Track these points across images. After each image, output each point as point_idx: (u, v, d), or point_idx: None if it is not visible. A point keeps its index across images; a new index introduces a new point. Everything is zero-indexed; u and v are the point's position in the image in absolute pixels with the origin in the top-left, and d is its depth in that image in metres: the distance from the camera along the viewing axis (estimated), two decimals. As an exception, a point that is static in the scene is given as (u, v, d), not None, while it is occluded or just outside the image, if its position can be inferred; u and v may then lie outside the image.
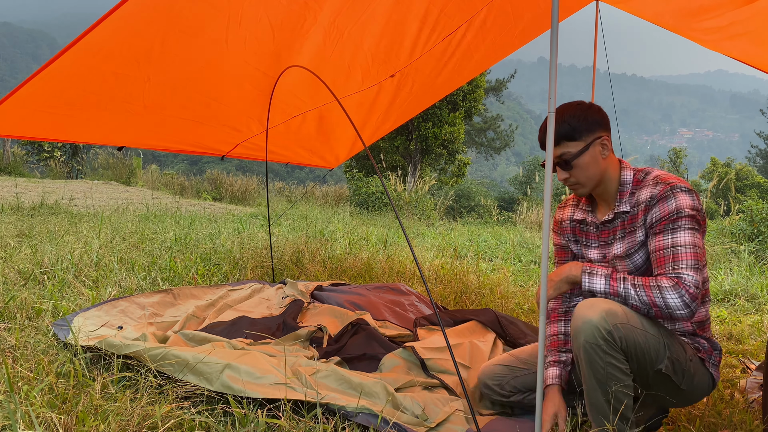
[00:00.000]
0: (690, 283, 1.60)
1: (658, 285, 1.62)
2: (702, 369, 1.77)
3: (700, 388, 1.77)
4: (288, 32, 2.88)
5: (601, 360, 1.62)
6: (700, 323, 1.81)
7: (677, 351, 1.70)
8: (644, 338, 1.64)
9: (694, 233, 1.66)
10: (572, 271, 1.76)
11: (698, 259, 1.64)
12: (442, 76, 3.92)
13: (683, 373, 1.70)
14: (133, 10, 2.22)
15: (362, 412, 1.82)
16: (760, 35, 3.07)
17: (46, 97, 2.65)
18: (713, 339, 1.85)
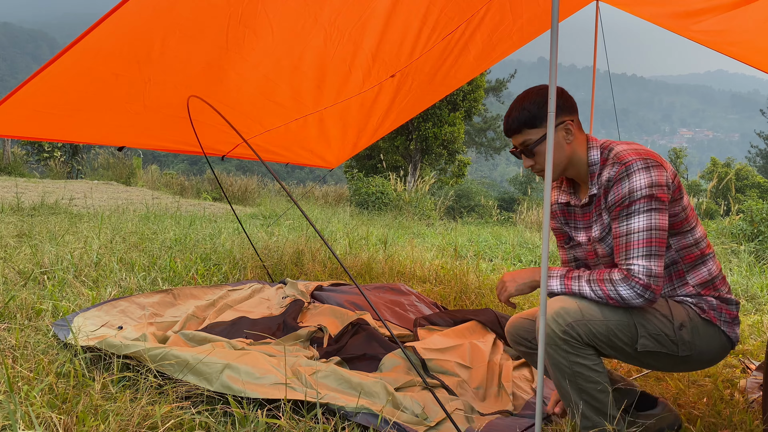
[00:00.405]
0: (639, 273, 1.58)
1: (610, 278, 1.62)
2: (710, 329, 1.69)
3: (711, 349, 1.70)
4: (288, 32, 2.88)
5: (564, 359, 1.64)
6: (704, 284, 1.73)
7: (656, 324, 1.65)
8: (606, 327, 1.62)
9: (651, 215, 1.60)
10: (534, 276, 1.77)
11: (651, 245, 1.59)
12: (440, 74, 3.92)
13: (675, 342, 1.65)
14: (134, 10, 2.22)
15: (362, 411, 1.82)
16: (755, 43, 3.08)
17: (47, 97, 2.65)
18: (726, 294, 1.74)
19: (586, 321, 1.62)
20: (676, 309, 1.69)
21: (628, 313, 1.65)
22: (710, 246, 1.78)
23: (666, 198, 1.62)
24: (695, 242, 1.71)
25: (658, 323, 1.65)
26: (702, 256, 1.74)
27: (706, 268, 1.74)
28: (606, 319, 1.63)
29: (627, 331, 1.64)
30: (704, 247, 1.75)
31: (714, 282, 1.74)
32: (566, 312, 1.63)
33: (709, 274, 1.74)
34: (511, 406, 2.14)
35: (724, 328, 1.71)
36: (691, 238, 1.72)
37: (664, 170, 1.63)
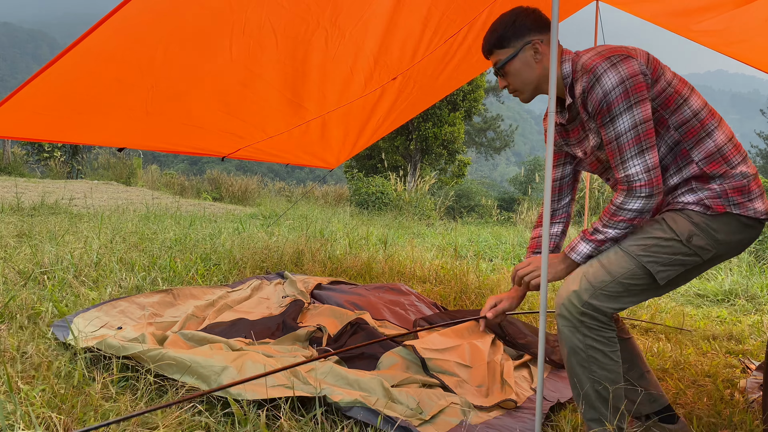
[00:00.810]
0: (639, 173, 1.57)
1: (619, 206, 1.61)
2: (722, 220, 1.62)
3: (734, 237, 1.63)
4: (291, 39, 2.87)
5: (581, 343, 1.63)
6: (711, 157, 1.64)
7: (665, 252, 1.61)
8: (620, 284, 1.61)
9: (632, 111, 1.56)
10: (564, 261, 1.76)
11: (641, 141, 1.57)
12: (443, 78, 3.93)
13: (691, 253, 1.61)
14: (135, 13, 2.20)
15: (356, 405, 1.82)
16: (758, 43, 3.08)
17: (47, 99, 2.64)
18: (732, 172, 1.63)
19: (599, 290, 1.61)
20: (677, 224, 1.63)
21: (633, 258, 1.62)
22: (714, 114, 1.67)
23: (642, 86, 1.57)
24: (694, 114, 1.64)
25: (666, 250, 1.61)
26: (704, 128, 1.65)
27: (711, 139, 1.64)
28: (615, 276, 1.61)
29: (641, 275, 1.61)
30: (705, 117, 1.65)
31: (723, 153, 1.64)
32: (578, 293, 1.62)
33: (716, 145, 1.64)
34: (516, 396, 2.15)
35: (737, 211, 1.61)
36: (688, 110, 1.65)
37: (633, 59, 1.58)
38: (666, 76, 1.64)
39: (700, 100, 1.66)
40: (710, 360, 2.90)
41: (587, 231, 1.70)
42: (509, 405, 2.08)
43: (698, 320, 3.82)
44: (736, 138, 1.68)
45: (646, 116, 1.57)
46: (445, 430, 1.83)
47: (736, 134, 1.70)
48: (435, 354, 2.37)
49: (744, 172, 1.63)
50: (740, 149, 1.67)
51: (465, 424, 1.88)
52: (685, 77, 1.70)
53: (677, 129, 1.65)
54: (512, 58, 1.75)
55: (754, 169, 1.67)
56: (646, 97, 1.57)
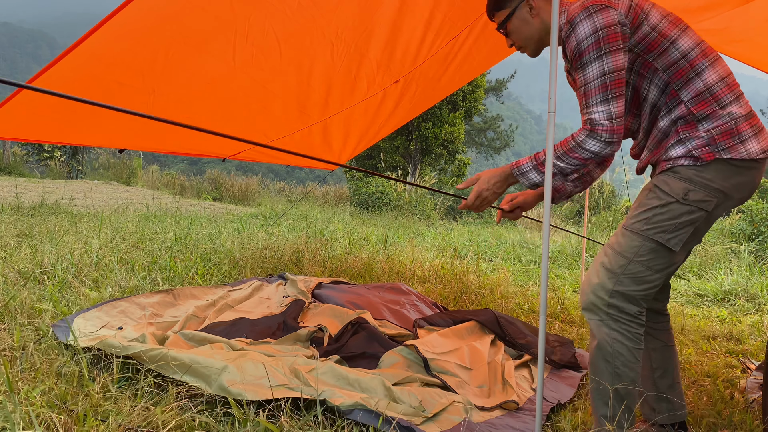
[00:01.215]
0: (601, 120, 1.59)
1: (576, 142, 1.64)
2: (715, 167, 1.60)
3: (732, 180, 1.61)
4: (295, 50, 2.86)
5: (608, 336, 1.63)
6: (700, 96, 1.62)
7: (667, 218, 1.62)
8: (638, 264, 1.62)
9: (602, 60, 1.59)
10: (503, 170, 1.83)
11: (607, 89, 1.59)
12: (444, 79, 3.93)
13: (693, 209, 1.61)
14: (136, 16, 2.19)
15: (357, 408, 1.82)
16: (758, 42, 3.08)
17: (48, 100, 2.63)
18: (720, 112, 1.60)
19: (621, 275, 1.62)
20: (670, 185, 1.63)
21: (639, 235, 1.63)
22: (707, 53, 1.65)
23: (616, 37, 1.59)
24: (682, 56, 1.64)
25: (668, 215, 1.61)
26: (693, 68, 1.64)
27: (701, 79, 1.63)
28: (631, 257, 1.63)
29: (654, 248, 1.62)
30: (695, 57, 1.64)
31: (713, 91, 1.62)
32: (602, 284, 1.64)
33: (705, 84, 1.62)
34: (517, 397, 2.15)
35: (727, 155, 1.59)
36: (676, 52, 1.64)
37: (611, 9, 1.61)
38: (650, 20, 1.65)
39: (690, 40, 1.65)
40: (710, 360, 2.90)
41: (539, 160, 1.73)
42: (511, 406, 2.08)
43: (698, 320, 3.82)
44: (732, 77, 1.66)
45: (617, 66, 1.60)
46: (447, 427, 1.84)
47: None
48: (436, 355, 2.37)
49: (733, 112, 1.60)
50: (733, 88, 1.64)
51: (467, 422, 1.88)
52: None
53: (665, 71, 1.66)
54: (510, 17, 1.83)
55: (747, 108, 1.64)
56: (619, 48, 1.60)
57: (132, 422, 1.67)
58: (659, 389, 1.85)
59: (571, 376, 2.48)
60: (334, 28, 2.78)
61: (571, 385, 2.39)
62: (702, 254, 6.37)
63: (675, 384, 1.88)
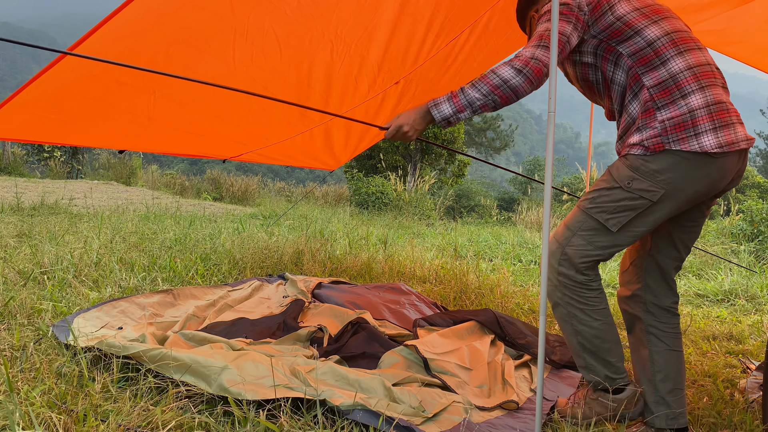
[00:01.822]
0: (524, 55, 1.70)
1: (492, 70, 1.73)
2: (664, 158, 1.65)
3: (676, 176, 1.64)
4: (295, 50, 2.85)
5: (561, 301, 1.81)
6: (662, 84, 1.68)
7: (609, 199, 1.72)
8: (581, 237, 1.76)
9: (549, 22, 1.73)
10: (421, 107, 1.88)
11: (542, 38, 1.72)
12: (445, 80, 3.93)
13: (635, 196, 1.69)
14: (136, 15, 2.19)
15: (357, 408, 1.82)
16: (756, 43, 3.08)
17: (48, 100, 2.63)
18: (679, 102, 1.65)
19: (565, 246, 1.78)
20: (618, 171, 1.73)
21: (583, 212, 1.77)
22: (677, 43, 1.70)
23: (568, 12, 1.73)
24: (648, 44, 1.71)
25: (610, 198, 1.72)
26: (659, 56, 1.69)
27: (665, 67, 1.68)
28: (574, 230, 1.78)
29: (593, 225, 1.75)
30: (662, 46, 1.70)
31: (677, 80, 1.66)
32: (552, 251, 1.81)
33: (669, 73, 1.67)
34: (517, 397, 2.15)
35: (676, 147, 1.63)
36: (642, 41, 1.72)
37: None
38: (616, 12, 1.75)
39: (660, 30, 1.72)
40: (710, 360, 2.90)
41: (454, 92, 1.79)
42: (511, 406, 2.08)
43: (698, 320, 3.82)
44: (707, 68, 1.69)
45: (559, 29, 1.70)
46: (447, 427, 1.84)
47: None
48: (436, 355, 2.37)
49: (691, 103, 1.63)
50: (701, 78, 1.66)
51: (467, 422, 1.88)
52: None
53: (630, 57, 1.74)
54: (530, 35, 2.08)
55: (716, 99, 1.65)
56: (568, 20, 1.73)
57: (132, 422, 1.67)
58: (659, 392, 1.85)
59: (571, 376, 2.48)
60: (333, 27, 2.77)
61: (571, 384, 2.39)
62: (702, 254, 6.37)
63: (676, 390, 1.85)
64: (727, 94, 1.73)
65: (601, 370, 1.82)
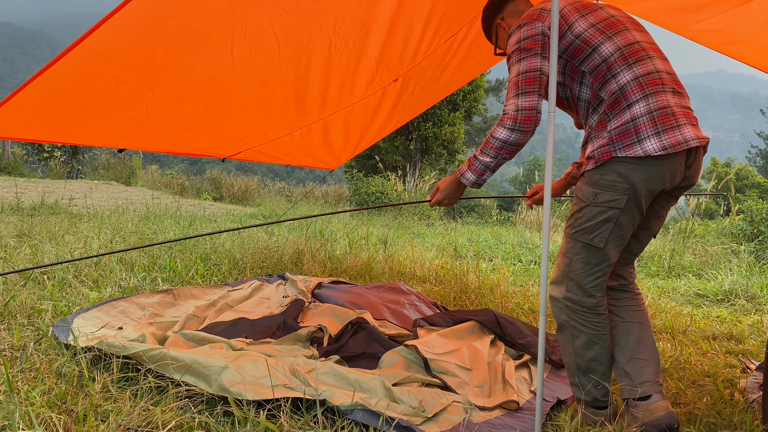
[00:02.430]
0: (509, 111, 1.82)
1: (491, 134, 1.88)
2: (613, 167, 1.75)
3: (632, 179, 1.74)
4: (294, 46, 2.86)
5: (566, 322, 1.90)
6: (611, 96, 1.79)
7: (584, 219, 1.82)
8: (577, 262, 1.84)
9: (520, 63, 1.84)
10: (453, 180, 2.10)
11: (519, 85, 1.82)
12: (443, 78, 3.93)
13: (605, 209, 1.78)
14: (135, 13, 2.20)
15: (357, 408, 1.82)
16: (756, 43, 3.08)
17: (48, 99, 2.63)
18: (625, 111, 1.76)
19: (569, 272, 1.86)
20: (582, 191, 1.85)
21: (569, 238, 1.87)
22: (626, 57, 1.80)
23: (535, 44, 1.83)
24: (603, 60, 1.81)
25: (584, 218, 1.82)
26: (610, 71, 1.80)
27: (616, 80, 1.79)
28: (570, 257, 1.86)
29: (581, 247, 1.83)
30: (614, 60, 1.80)
31: (624, 90, 1.77)
32: (555, 280, 1.91)
33: (618, 85, 1.78)
34: (517, 397, 2.15)
35: (623, 153, 1.73)
36: (598, 57, 1.82)
37: (537, 22, 1.85)
38: (575, 30, 1.84)
39: (613, 45, 1.81)
40: (710, 360, 2.90)
41: (471, 161, 1.96)
42: (511, 406, 2.08)
43: (698, 320, 3.82)
44: (653, 76, 1.77)
45: (529, 68, 1.82)
46: (447, 427, 1.84)
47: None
48: (436, 355, 2.37)
49: (635, 111, 1.74)
50: (646, 86, 1.75)
51: (467, 422, 1.88)
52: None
53: (590, 73, 1.85)
54: (496, 40, 2.20)
55: (659, 105, 1.74)
56: (536, 53, 1.83)
57: (132, 422, 1.67)
58: (619, 363, 1.94)
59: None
60: (332, 24, 2.78)
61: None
62: (702, 254, 6.37)
63: (634, 360, 1.92)
64: (678, 97, 1.80)
65: (591, 392, 1.89)
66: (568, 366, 1.94)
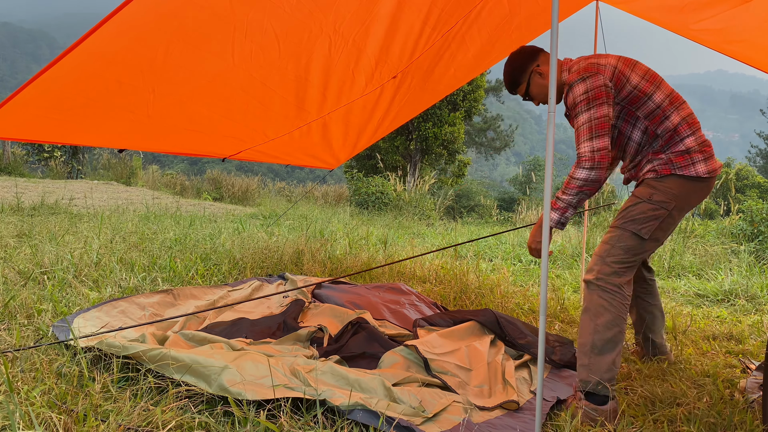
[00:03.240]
0: (585, 154, 2.09)
1: (571, 176, 2.13)
2: (671, 179, 2.16)
3: (683, 190, 2.15)
4: (294, 45, 2.86)
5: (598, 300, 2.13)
6: (669, 131, 2.18)
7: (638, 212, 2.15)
8: (618, 249, 2.13)
9: (590, 110, 2.12)
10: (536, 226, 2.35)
11: (591, 130, 2.10)
12: (438, 70, 3.91)
13: (657, 206, 2.14)
14: (136, 14, 2.19)
15: (356, 408, 1.82)
16: (756, 42, 3.08)
17: (48, 100, 2.62)
18: (679, 143, 2.17)
19: (606, 257, 2.13)
20: (641, 191, 2.21)
21: (618, 228, 2.17)
22: (673, 101, 2.21)
23: (602, 95, 2.13)
24: (657, 106, 2.20)
25: (638, 212, 2.16)
26: (664, 114, 2.20)
27: (669, 120, 2.20)
28: (613, 244, 2.15)
29: (628, 237, 2.14)
30: (666, 106, 2.21)
31: (677, 129, 2.19)
32: (594, 264, 2.15)
33: (672, 124, 2.19)
34: (517, 397, 2.15)
35: (680, 172, 2.15)
36: (652, 104, 2.21)
37: (600, 75, 2.15)
38: (631, 82, 2.20)
39: (662, 93, 2.22)
40: (710, 360, 2.90)
41: (554, 201, 2.16)
42: (512, 406, 2.08)
43: (698, 320, 3.82)
44: (692, 116, 2.25)
45: (601, 114, 2.11)
46: (447, 427, 1.84)
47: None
48: (436, 356, 2.37)
49: (687, 143, 2.18)
50: (692, 125, 2.21)
51: (467, 422, 1.88)
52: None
53: (645, 117, 2.23)
54: (528, 86, 2.42)
55: (701, 140, 2.20)
56: (603, 102, 2.13)
57: (132, 422, 1.67)
58: (655, 341, 2.65)
59: (572, 375, 2.48)
60: (331, 22, 2.78)
61: (571, 384, 2.39)
62: (702, 254, 6.37)
63: (660, 334, 2.68)
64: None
65: (600, 374, 2.04)
66: (583, 346, 2.09)
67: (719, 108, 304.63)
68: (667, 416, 2.09)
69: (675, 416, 2.08)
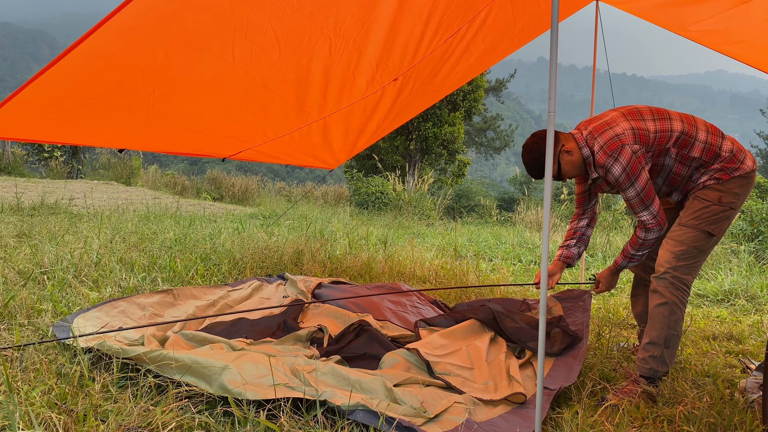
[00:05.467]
0: (648, 219, 2.37)
1: (643, 239, 2.42)
2: (731, 184, 2.34)
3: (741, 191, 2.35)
4: (294, 47, 2.86)
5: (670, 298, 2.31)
6: (703, 151, 2.35)
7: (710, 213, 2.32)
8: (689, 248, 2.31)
9: (634, 183, 2.31)
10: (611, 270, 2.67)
11: (643, 200, 2.33)
12: (441, 76, 3.92)
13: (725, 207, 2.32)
14: (136, 15, 2.19)
15: (358, 408, 1.82)
16: (756, 43, 3.08)
17: (48, 100, 2.62)
18: (721, 152, 2.35)
19: (681, 256, 2.30)
20: (707, 195, 2.36)
21: (693, 228, 2.33)
22: (691, 124, 2.37)
23: (640, 160, 2.32)
24: (681, 133, 2.36)
25: (710, 213, 2.33)
26: (689, 137, 2.36)
27: (698, 140, 2.36)
28: (687, 243, 2.31)
29: (701, 236, 2.32)
30: (687, 130, 2.36)
31: (710, 144, 2.36)
32: (668, 260, 2.31)
33: (702, 142, 2.36)
34: (524, 390, 2.15)
35: (737, 174, 2.35)
36: (676, 133, 2.36)
37: (626, 146, 2.30)
38: (650, 130, 2.36)
39: (678, 121, 2.38)
40: (710, 360, 2.90)
41: (626, 254, 2.50)
42: (519, 398, 2.08)
43: (698, 320, 3.82)
44: (711, 126, 2.41)
45: (644, 182, 2.32)
46: (449, 428, 1.84)
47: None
48: (438, 357, 2.37)
49: (726, 148, 2.36)
50: (716, 131, 2.39)
51: (469, 422, 1.88)
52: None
53: (674, 145, 2.38)
54: (559, 167, 2.48)
55: (728, 137, 2.40)
56: (642, 167, 2.32)
57: (132, 422, 1.67)
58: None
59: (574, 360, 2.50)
60: (332, 23, 2.78)
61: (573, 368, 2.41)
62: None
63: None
64: None
65: (667, 365, 2.32)
66: (656, 340, 2.30)
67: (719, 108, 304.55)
68: (667, 416, 2.09)
69: (675, 416, 2.08)
